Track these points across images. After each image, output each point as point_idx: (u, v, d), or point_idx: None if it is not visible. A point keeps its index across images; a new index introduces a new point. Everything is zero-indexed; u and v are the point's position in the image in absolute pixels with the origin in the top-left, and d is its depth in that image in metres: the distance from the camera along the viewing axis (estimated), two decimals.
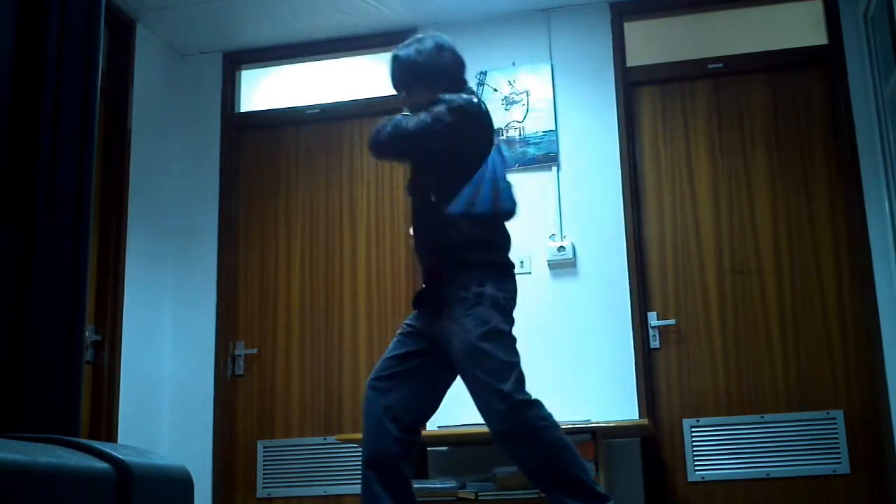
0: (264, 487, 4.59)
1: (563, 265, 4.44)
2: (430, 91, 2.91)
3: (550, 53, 4.67)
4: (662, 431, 4.29)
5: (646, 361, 4.30)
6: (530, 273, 4.44)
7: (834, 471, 4.12)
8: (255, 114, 5.07)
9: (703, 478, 4.22)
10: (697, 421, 4.27)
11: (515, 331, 2.81)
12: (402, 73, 2.96)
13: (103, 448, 0.74)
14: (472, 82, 4.67)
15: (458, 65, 3.00)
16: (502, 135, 4.58)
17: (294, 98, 5.05)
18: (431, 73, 2.94)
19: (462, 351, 2.70)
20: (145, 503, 0.75)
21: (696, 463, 4.24)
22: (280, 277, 4.82)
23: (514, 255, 4.56)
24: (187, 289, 4.78)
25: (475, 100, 2.92)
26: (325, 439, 4.57)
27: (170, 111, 4.94)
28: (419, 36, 3.03)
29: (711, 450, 4.24)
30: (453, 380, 2.89)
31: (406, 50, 2.97)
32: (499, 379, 2.64)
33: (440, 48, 2.96)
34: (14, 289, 0.82)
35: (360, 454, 4.47)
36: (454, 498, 3.89)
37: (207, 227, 4.84)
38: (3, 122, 0.85)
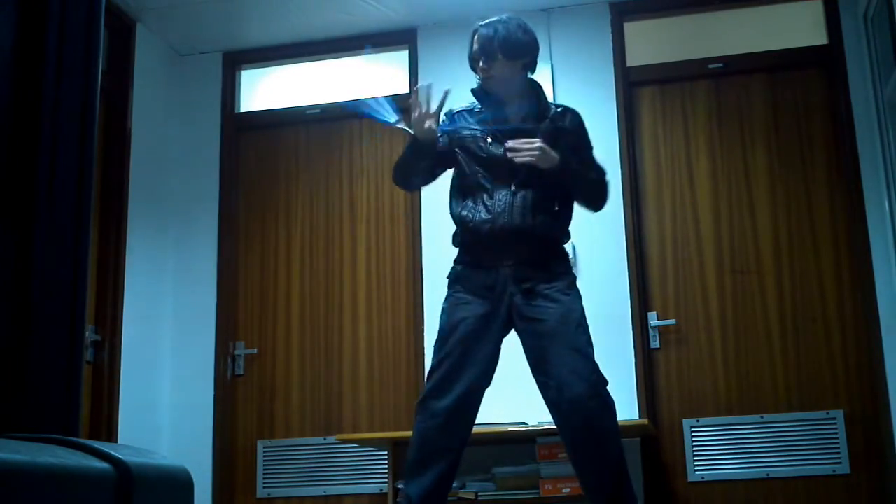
0: (264, 487, 4.59)
1: None
2: (523, 70, 3.03)
3: (550, 53, 4.67)
4: (662, 431, 4.29)
5: (646, 361, 4.30)
6: None
7: (834, 471, 4.12)
8: (255, 114, 5.07)
9: (703, 478, 4.22)
10: (697, 421, 4.27)
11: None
12: (519, 49, 2.99)
13: (103, 448, 0.74)
14: (472, 82, 4.69)
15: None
16: None
17: (294, 98, 5.05)
18: (536, 58, 3.07)
19: (569, 321, 2.80)
20: (145, 503, 0.75)
21: (696, 463, 4.24)
22: (280, 277, 4.82)
23: None
24: (187, 289, 4.78)
25: None
26: (325, 439, 4.57)
27: (170, 111, 4.94)
28: (512, 17, 3.04)
29: (711, 450, 4.24)
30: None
31: (520, 29, 3.01)
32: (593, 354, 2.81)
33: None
34: (14, 288, 0.82)
35: (359, 454, 4.49)
36: (454, 498, 3.89)
37: (207, 227, 4.84)
38: (4, 122, 0.85)
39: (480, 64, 2.99)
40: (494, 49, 2.96)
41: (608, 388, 2.78)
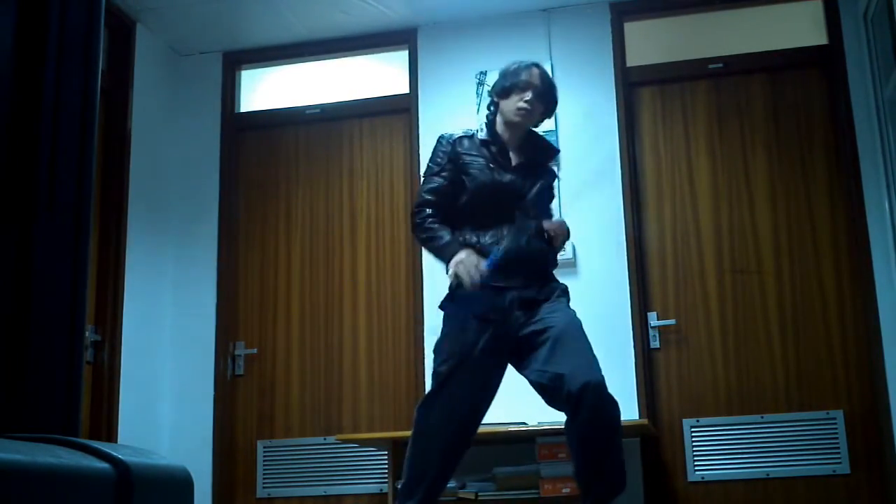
0: (264, 487, 4.59)
1: (563, 265, 4.40)
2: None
3: (550, 53, 4.67)
4: (662, 431, 4.29)
5: (646, 361, 4.30)
6: None
7: (834, 471, 4.12)
8: (255, 114, 5.07)
9: (703, 478, 4.22)
10: (697, 421, 4.27)
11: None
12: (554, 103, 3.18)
13: (103, 448, 0.74)
14: (472, 82, 4.70)
15: None
16: None
17: (294, 98, 5.05)
18: None
19: (574, 324, 2.90)
20: (145, 503, 0.75)
21: (696, 463, 4.24)
22: (280, 277, 4.82)
23: None
24: (187, 289, 4.78)
25: None
26: (325, 439, 4.57)
27: (170, 111, 4.94)
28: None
29: (711, 450, 4.24)
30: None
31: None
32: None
33: None
34: (14, 289, 0.82)
35: (359, 454, 4.49)
36: (454, 498, 3.89)
37: (207, 227, 4.84)
38: (4, 122, 0.85)
39: (526, 100, 3.05)
40: (551, 99, 3.14)
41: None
